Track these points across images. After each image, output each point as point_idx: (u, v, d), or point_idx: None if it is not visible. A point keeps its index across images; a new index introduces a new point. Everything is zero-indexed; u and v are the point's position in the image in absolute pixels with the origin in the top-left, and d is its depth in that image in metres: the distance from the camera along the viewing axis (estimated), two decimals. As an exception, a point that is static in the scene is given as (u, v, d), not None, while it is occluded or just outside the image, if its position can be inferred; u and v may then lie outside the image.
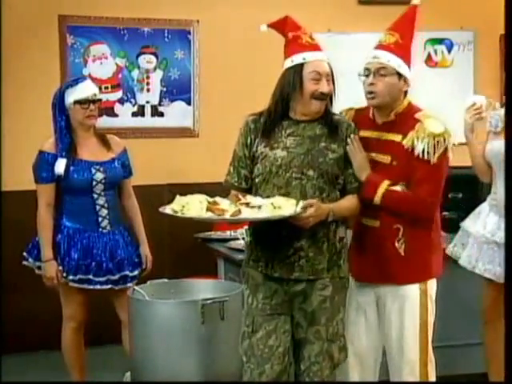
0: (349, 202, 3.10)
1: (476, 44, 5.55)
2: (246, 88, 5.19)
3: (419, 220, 3.09)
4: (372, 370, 3.25)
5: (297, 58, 3.05)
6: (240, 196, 2.98)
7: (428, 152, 2.99)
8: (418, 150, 3.00)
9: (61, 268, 3.85)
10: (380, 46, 3.10)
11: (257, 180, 3.09)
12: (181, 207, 2.91)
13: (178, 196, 2.98)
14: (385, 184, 3.03)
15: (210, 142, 5.38)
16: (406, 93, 3.13)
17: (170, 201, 2.98)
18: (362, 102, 3.20)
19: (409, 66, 3.08)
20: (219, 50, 5.38)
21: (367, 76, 3.08)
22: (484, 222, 3.81)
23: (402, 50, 3.08)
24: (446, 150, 3.03)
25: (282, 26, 3.16)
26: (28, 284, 4.10)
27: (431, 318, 3.15)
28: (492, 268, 3.76)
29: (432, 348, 3.16)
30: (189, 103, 5.51)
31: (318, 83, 3.02)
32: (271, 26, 3.20)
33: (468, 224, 3.83)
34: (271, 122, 3.08)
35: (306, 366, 3.10)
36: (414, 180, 3.03)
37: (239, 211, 2.88)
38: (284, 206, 2.89)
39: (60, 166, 3.83)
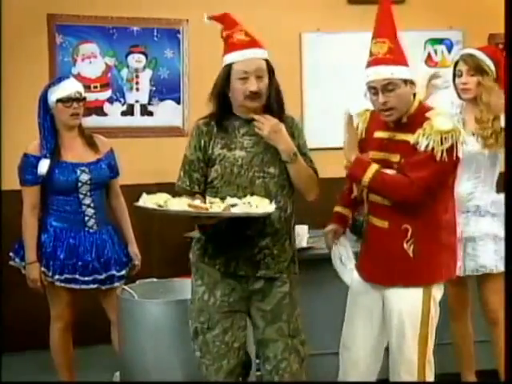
0: (309, 168, 3.15)
1: (465, 43, 5.57)
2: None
3: (403, 203, 3.03)
4: (369, 374, 3.26)
5: (227, 58, 3.07)
6: (198, 199, 2.97)
7: (433, 147, 2.96)
8: (422, 145, 2.97)
9: (45, 269, 3.84)
10: (377, 61, 3.02)
11: (215, 182, 3.08)
12: (163, 202, 2.92)
13: (145, 194, 2.98)
14: (375, 166, 3.02)
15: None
16: (414, 94, 3.10)
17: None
18: (349, 101, 3.15)
19: (407, 65, 3.04)
20: (208, 49, 5.33)
21: (374, 94, 3.04)
22: None
23: (397, 55, 3.03)
24: (452, 146, 2.99)
25: (220, 22, 3.17)
26: (16, 283, 4.06)
27: (434, 321, 3.16)
28: None
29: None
30: (178, 102, 5.52)
31: (246, 82, 3.01)
32: (212, 18, 3.21)
33: None
34: (218, 121, 3.10)
35: (273, 364, 3.13)
36: (409, 163, 3.00)
37: (229, 207, 2.89)
38: (259, 205, 2.92)
39: (43, 166, 3.82)
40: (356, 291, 3.23)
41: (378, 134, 3.15)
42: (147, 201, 2.96)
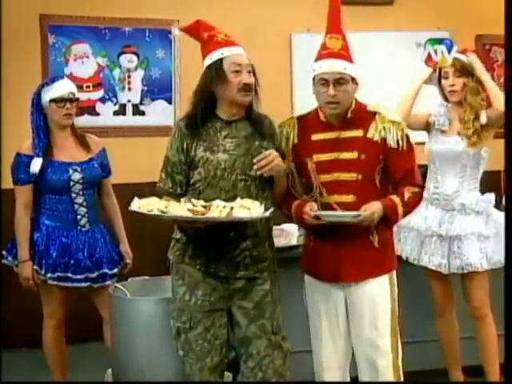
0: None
1: (452, 44, 5.62)
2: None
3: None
4: (344, 374, 3.30)
5: (215, 55, 3.09)
6: (193, 201, 2.99)
7: (400, 139, 3.10)
8: (390, 140, 3.10)
9: (37, 267, 3.85)
10: (332, 54, 3.09)
11: (198, 184, 3.10)
12: (164, 207, 2.94)
13: (136, 198, 3.01)
14: (398, 202, 3.10)
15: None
16: None
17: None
18: None
19: (354, 64, 3.12)
20: (200, 49, 5.41)
21: (324, 85, 3.09)
22: (424, 215, 3.92)
23: (349, 52, 3.10)
24: (407, 136, 3.16)
25: (196, 29, 3.21)
26: (11, 282, 4.06)
27: (397, 308, 3.22)
28: (436, 260, 3.89)
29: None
30: (170, 102, 5.54)
31: (240, 75, 3.06)
32: (183, 29, 3.28)
33: (406, 219, 3.74)
34: (201, 122, 3.10)
35: (257, 361, 3.15)
36: (406, 172, 3.14)
37: (231, 211, 2.91)
38: (252, 207, 2.95)
39: (35, 165, 3.82)
40: (316, 297, 3.25)
41: (319, 137, 3.19)
42: (142, 206, 2.97)
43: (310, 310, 3.29)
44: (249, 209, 2.94)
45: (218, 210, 2.93)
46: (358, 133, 3.13)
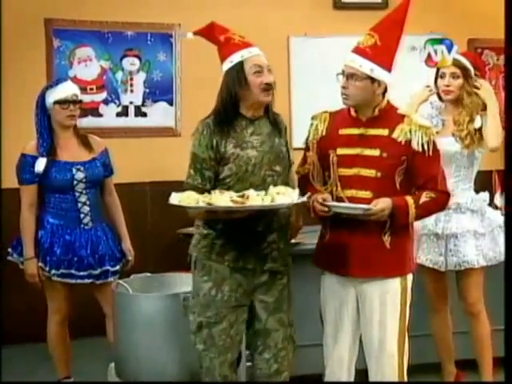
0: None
1: (445, 47, 5.69)
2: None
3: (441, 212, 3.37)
4: (350, 369, 3.32)
5: (235, 58, 3.14)
6: (226, 193, 3.03)
7: (426, 143, 3.12)
8: (414, 143, 3.12)
9: (42, 264, 3.91)
10: (356, 49, 3.13)
11: (228, 180, 3.15)
12: (208, 200, 2.97)
13: (174, 193, 3.05)
14: (411, 203, 3.11)
15: (191, 142, 5.47)
16: (384, 92, 3.19)
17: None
18: (336, 103, 3.27)
19: (387, 68, 3.11)
20: (200, 52, 5.42)
21: (342, 76, 3.15)
22: None
23: (378, 53, 3.09)
24: (434, 143, 3.16)
25: (211, 31, 3.27)
26: (16, 278, 4.11)
27: (408, 312, 3.24)
28: (433, 258, 3.93)
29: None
30: (171, 104, 5.60)
31: (261, 75, 3.12)
32: (198, 33, 3.32)
33: None
34: (229, 120, 3.16)
35: (273, 353, 3.22)
36: (428, 177, 3.15)
37: (272, 199, 2.98)
38: (286, 193, 3.01)
39: (40, 164, 3.88)
40: (329, 293, 3.29)
41: (346, 131, 3.22)
42: (182, 200, 2.99)
43: (323, 306, 3.33)
44: (284, 194, 3.00)
45: (260, 198, 2.98)
46: (384, 132, 3.16)
